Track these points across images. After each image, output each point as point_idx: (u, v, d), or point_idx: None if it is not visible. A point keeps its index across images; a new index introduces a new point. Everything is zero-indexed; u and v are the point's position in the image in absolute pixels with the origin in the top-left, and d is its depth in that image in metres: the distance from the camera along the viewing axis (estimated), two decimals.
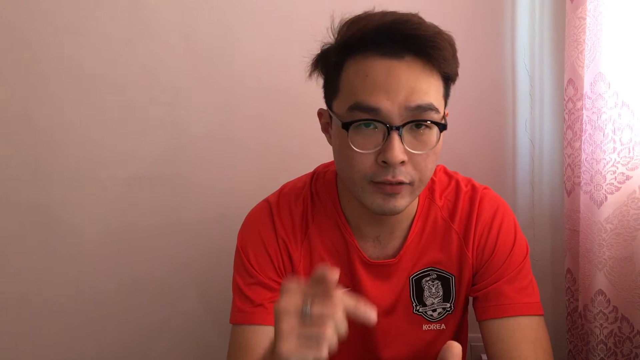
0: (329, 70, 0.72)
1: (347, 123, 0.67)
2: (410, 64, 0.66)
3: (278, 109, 1.17)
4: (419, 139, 0.67)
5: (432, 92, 0.67)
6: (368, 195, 0.69)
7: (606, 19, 0.90)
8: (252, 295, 0.78)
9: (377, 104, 0.65)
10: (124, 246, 1.21)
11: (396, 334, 0.81)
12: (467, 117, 1.16)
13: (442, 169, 0.86)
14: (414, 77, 0.65)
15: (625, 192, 0.93)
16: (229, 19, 1.14)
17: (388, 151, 0.65)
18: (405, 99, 0.65)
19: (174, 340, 1.26)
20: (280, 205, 0.82)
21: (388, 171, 0.66)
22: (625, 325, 0.97)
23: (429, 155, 0.68)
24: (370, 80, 0.65)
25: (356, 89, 0.66)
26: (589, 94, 0.95)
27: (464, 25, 1.13)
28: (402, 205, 0.69)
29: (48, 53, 1.15)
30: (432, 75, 0.67)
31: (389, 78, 0.65)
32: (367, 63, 0.66)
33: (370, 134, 0.67)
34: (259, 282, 0.78)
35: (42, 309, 1.23)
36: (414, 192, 0.70)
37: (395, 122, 0.65)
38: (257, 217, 0.82)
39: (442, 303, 0.81)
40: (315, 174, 0.85)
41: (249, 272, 0.79)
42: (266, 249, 0.79)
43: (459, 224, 0.80)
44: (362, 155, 0.67)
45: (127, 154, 1.18)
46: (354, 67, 0.68)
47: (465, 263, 0.79)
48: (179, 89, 1.17)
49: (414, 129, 0.67)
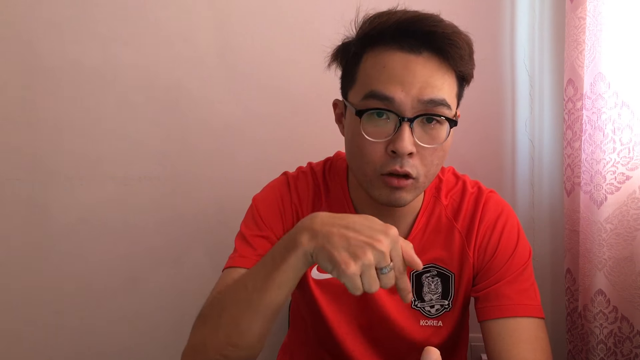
0: (348, 61, 0.74)
1: (361, 110, 0.69)
2: (427, 60, 0.68)
3: (278, 106, 1.17)
4: (429, 133, 0.69)
5: (446, 88, 0.69)
6: (375, 188, 0.71)
7: (606, 19, 0.90)
8: (255, 244, 0.78)
9: (392, 94, 0.67)
10: (123, 245, 1.21)
11: (394, 325, 0.81)
12: (467, 117, 1.16)
13: (452, 170, 0.87)
14: (429, 72, 0.67)
15: (625, 192, 0.93)
16: (229, 17, 1.15)
17: (398, 141, 0.67)
18: (419, 92, 0.67)
19: (174, 339, 1.26)
20: (299, 179, 0.84)
21: (396, 161, 0.68)
22: (625, 325, 0.97)
23: (436, 151, 0.70)
24: (387, 71, 0.68)
25: (372, 79, 0.69)
26: (589, 94, 0.95)
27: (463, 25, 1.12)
28: (406, 199, 0.71)
29: (48, 53, 1.15)
30: (447, 73, 0.69)
31: (405, 71, 0.67)
32: (385, 55, 0.68)
33: (382, 123, 0.68)
34: (264, 236, 0.79)
35: (42, 309, 1.23)
36: (419, 187, 0.72)
37: (407, 113, 0.67)
38: (275, 183, 0.85)
39: (440, 300, 0.81)
40: (329, 162, 0.88)
41: (258, 224, 0.80)
42: (280, 207, 0.81)
43: (462, 223, 0.81)
44: (372, 144, 0.69)
45: (126, 154, 1.19)
46: (373, 59, 0.70)
47: (466, 262, 0.80)
48: (180, 89, 1.17)
49: (425, 123, 0.69)
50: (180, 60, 1.16)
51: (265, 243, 0.79)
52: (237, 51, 1.16)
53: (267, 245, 0.78)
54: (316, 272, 0.82)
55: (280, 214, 0.81)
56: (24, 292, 1.22)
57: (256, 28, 1.15)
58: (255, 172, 1.19)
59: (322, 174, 0.85)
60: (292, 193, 0.83)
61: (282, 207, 0.81)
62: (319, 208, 0.82)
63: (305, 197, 0.83)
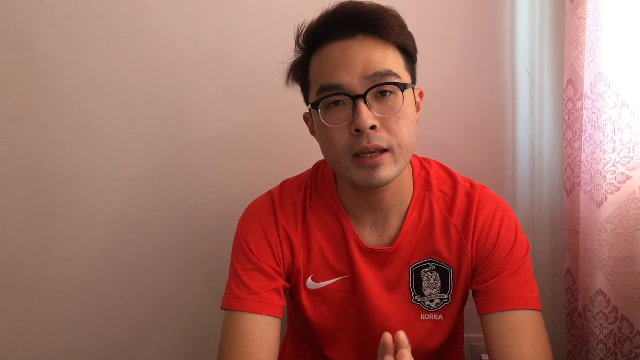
0: (299, 74, 0.79)
1: (316, 102, 0.72)
2: (363, 41, 0.72)
3: (278, 108, 1.17)
4: (386, 104, 0.71)
5: (389, 61, 0.71)
6: (353, 171, 0.72)
7: (606, 19, 0.90)
8: (249, 281, 0.79)
9: (338, 80, 0.70)
10: (124, 245, 1.21)
11: (395, 322, 0.82)
12: (467, 117, 1.17)
13: (437, 164, 0.88)
14: (368, 51, 0.71)
15: (625, 192, 0.93)
16: (229, 20, 1.15)
17: (357, 118, 0.69)
18: (362, 69, 0.70)
19: (175, 339, 1.26)
20: (283, 195, 0.85)
21: (362, 138, 0.70)
22: (625, 325, 0.97)
23: (399, 119, 0.71)
24: (330, 63, 0.72)
25: (320, 75, 0.73)
26: (589, 94, 0.95)
27: (464, 25, 1.13)
28: (387, 174, 0.72)
29: (49, 53, 1.15)
30: (387, 47, 0.72)
31: (345, 55, 0.71)
32: (325, 50, 0.73)
33: (340, 110, 0.72)
34: (257, 269, 0.79)
35: (43, 309, 1.23)
36: (397, 159, 0.72)
37: (358, 91, 0.70)
38: (258, 206, 0.85)
39: (439, 294, 0.82)
40: (316, 167, 0.89)
41: (248, 257, 0.80)
42: (266, 236, 0.81)
43: (457, 218, 0.81)
44: (337, 130, 0.72)
45: (127, 154, 1.19)
46: (316, 59, 0.75)
47: (464, 256, 0.80)
48: (180, 89, 1.17)
49: (379, 97, 0.71)
50: (180, 60, 1.16)
51: (258, 276, 0.79)
52: (237, 52, 1.16)
53: (260, 278, 0.79)
54: (311, 281, 0.83)
55: (269, 245, 0.81)
56: (23, 292, 1.22)
57: (257, 29, 1.15)
58: (256, 172, 1.19)
59: (310, 180, 0.86)
60: (277, 213, 0.82)
61: (267, 237, 0.81)
62: (306, 217, 0.83)
63: (291, 212, 0.83)
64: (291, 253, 0.82)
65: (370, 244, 0.81)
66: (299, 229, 0.82)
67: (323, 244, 0.82)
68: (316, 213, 0.83)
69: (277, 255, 0.81)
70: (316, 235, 0.82)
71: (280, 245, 0.81)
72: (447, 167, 0.88)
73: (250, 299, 0.78)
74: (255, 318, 0.77)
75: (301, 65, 0.78)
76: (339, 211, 0.82)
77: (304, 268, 0.82)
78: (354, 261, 0.81)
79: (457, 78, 1.14)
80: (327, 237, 0.82)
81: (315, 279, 0.82)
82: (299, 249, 0.81)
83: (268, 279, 0.79)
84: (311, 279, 0.82)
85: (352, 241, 0.81)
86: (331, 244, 0.82)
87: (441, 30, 1.13)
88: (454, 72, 1.14)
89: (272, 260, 0.80)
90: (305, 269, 0.82)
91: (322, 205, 0.83)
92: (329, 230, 0.82)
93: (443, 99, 1.15)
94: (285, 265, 0.82)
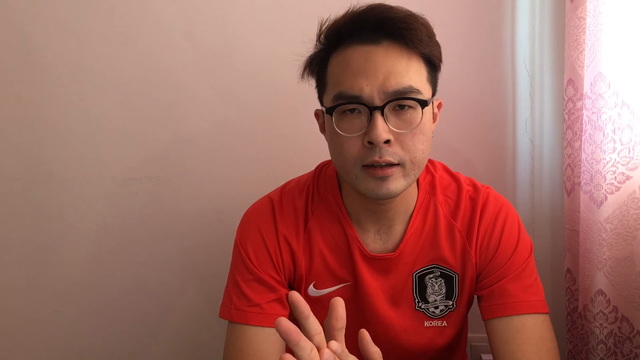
0: (317, 69, 0.76)
1: (331, 108, 0.70)
2: (388, 48, 0.68)
3: (277, 108, 1.17)
4: (403, 119, 0.69)
5: (412, 74, 0.69)
6: (361, 181, 0.70)
7: (606, 19, 0.90)
8: (250, 293, 0.77)
9: (358, 91, 0.67)
10: (124, 245, 1.21)
11: (398, 329, 0.81)
12: (467, 117, 1.17)
13: (442, 166, 0.86)
14: (392, 60, 0.68)
15: (625, 192, 0.93)
16: (229, 18, 1.15)
17: (372, 131, 0.67)
18: (383, 82, 0.67)
19: (173, 339, 1.26)
20: (283, 201, 0.82)
21: (375, 152, 0.68)
22: (625, 325, 0.97)
23: (415, 135, 0.69)
24: (351, 67, 0.69)
25: (339, 79, 0.70)
26: (589, 94, 0.95)
27: (464, 25, 1.13)
28: (396, 188, 0.70)
29: (48, 53, 1.15)
30: (411, 57, 0.69)
31: (367, 62, 0.68)
32: (347, 52, 0.70)
33: (355, 118, 0.69)
34: (258, 279, 0.78)
35: (42, 308, 1.23)
36: (407, 174, 0.70)
37: (376, 103, 0.67)
38: (257, 213, 0.82)
39: (444, 300, 0.81)
40: (318, 170, 0.86)
41: (248, 268, 0.79)
42: (266, 246, 0.79)
43: (461, 222, 0.80)
44: (349, 139, 0.69)
45: (126, 154, 1.19)
46: (337, 59, 0.71)
47: (468, 261, 0.79)
48: (180, 89, 1.17)
49: (397, 110, 0.69)
50: (180, 61, 1.16)
51: (259, 287, 0.78)
52: (237, 51, 1.15)
53: (261, 289, 0.77)
54: (313, 289, 0.81)
55: (267, 252, 0.79)
56: (24, 292, 1.22)
57: (257, 28, 1.15)
58: (256, 171, 1.19)
59: (312, 185, 0.84)
60: (277, 220, 0.80)
61: (266, 246, 0.79)
62: (308, 224, 0.81)
63: (292, 219, 0.81)
64: (292, 261, 0.80)
65: (374, 251, 0.80)
66: (301, 236, 0.80)
67: (325, 251, 0.80)
68: (318, 219, 0.81)
69: (277, 264, 0.79)
70: (318, 242, 0.80)
71: (280, 254, 0.79)
72: (450, 169, 0.86)
73: (251, 311, 0.76)
74: (256, 331, 0.75)
75: (319, 62, 0.75)
76: (342, 218, 0.80)
77: (306, 275, 0.80)
78: (357, 268, 0.79)
79: (457, 78, 1.14)
80: (329, 244, 0.80)
81: (317, 286, 0.81)
82: (300, 257, 0.80)
83: (269, 290, 0.78)
84: (313, 286, 0.81)
85: (356, 249, 0.79)
86: (334, 251, 0.80)
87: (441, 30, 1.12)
88: (454, 72, 1.14)
89: (272, 270, 0.79)
90: (307, 276, 0.81)
91: (324, 211, 0.81)
92: (331, 237, 0.80)
93: (443, 98, 1.14)
94: (287, 273, 0.80)
